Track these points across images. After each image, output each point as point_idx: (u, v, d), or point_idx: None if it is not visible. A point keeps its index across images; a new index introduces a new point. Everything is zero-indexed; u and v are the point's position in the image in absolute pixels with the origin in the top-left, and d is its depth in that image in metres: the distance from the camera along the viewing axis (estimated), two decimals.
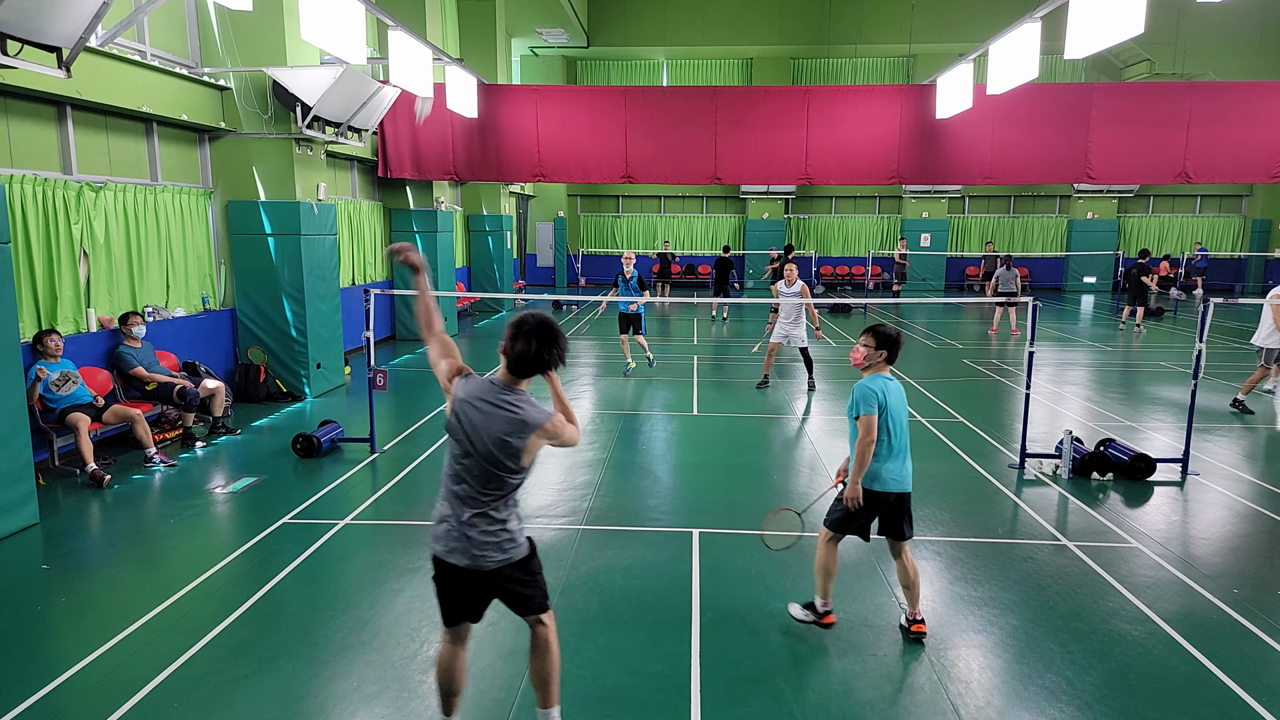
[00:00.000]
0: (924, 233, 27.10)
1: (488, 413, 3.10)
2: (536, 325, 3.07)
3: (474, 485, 3.15)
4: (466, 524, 3.17)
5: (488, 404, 3.11)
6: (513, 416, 3.09)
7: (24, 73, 6.50)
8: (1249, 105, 12.97)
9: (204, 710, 3.89)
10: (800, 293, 10.92)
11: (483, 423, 3.09)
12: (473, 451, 3.11)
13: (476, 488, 3.16)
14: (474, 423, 3.10)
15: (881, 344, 4.48)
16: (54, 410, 7.20)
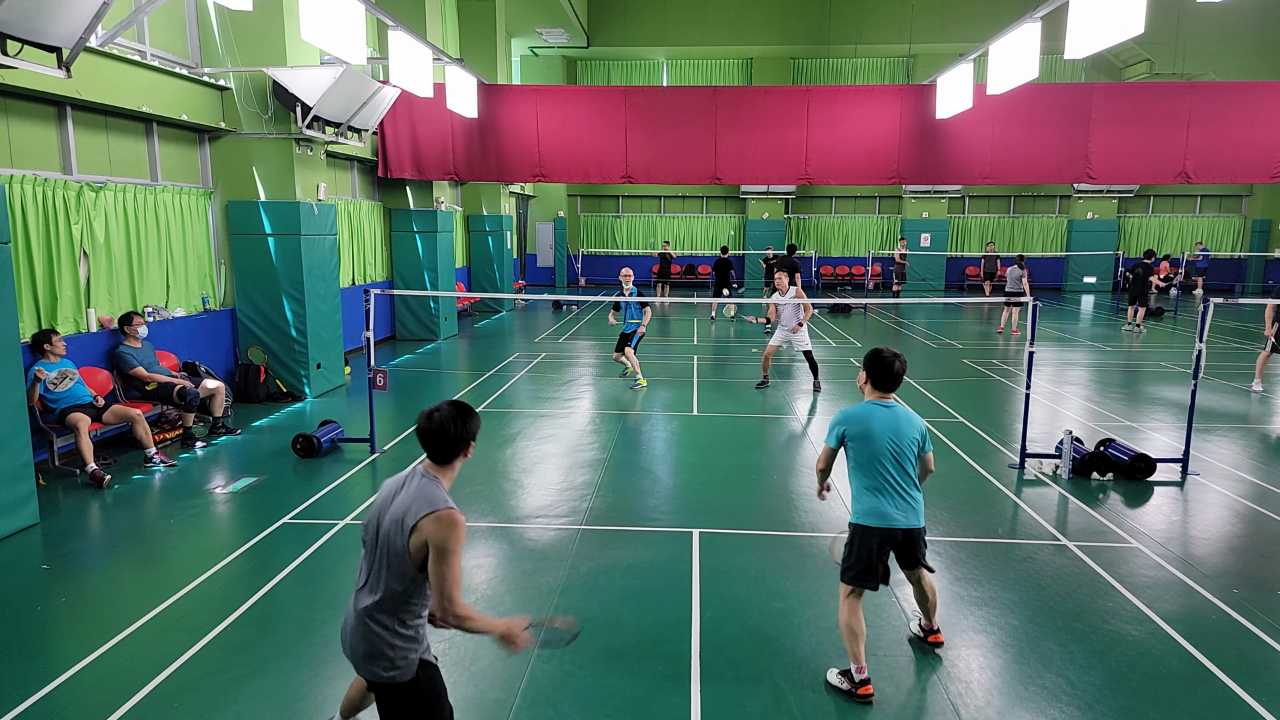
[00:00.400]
0: (924, 233, 27.10)
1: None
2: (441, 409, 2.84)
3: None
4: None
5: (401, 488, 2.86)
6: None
7: (24, 73, 6.50)
8: (1249, 105, 12.97)
9: (204, 710, 3.89)
10: (795, 296, 10.94)
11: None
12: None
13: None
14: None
15: (865, 366, 4.13)
16: (54, 410, 7.20)
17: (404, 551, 2.69)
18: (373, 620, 2.77)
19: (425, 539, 2.66)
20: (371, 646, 2.77)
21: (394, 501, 2.76)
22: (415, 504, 2.70)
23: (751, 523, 6.32)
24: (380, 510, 2.81)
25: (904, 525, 4.03)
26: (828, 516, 6.50)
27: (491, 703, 3.97)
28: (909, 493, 4.04)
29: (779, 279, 11.10)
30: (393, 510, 2.75)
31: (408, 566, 2.71)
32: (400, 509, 2.72)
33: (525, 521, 6.33)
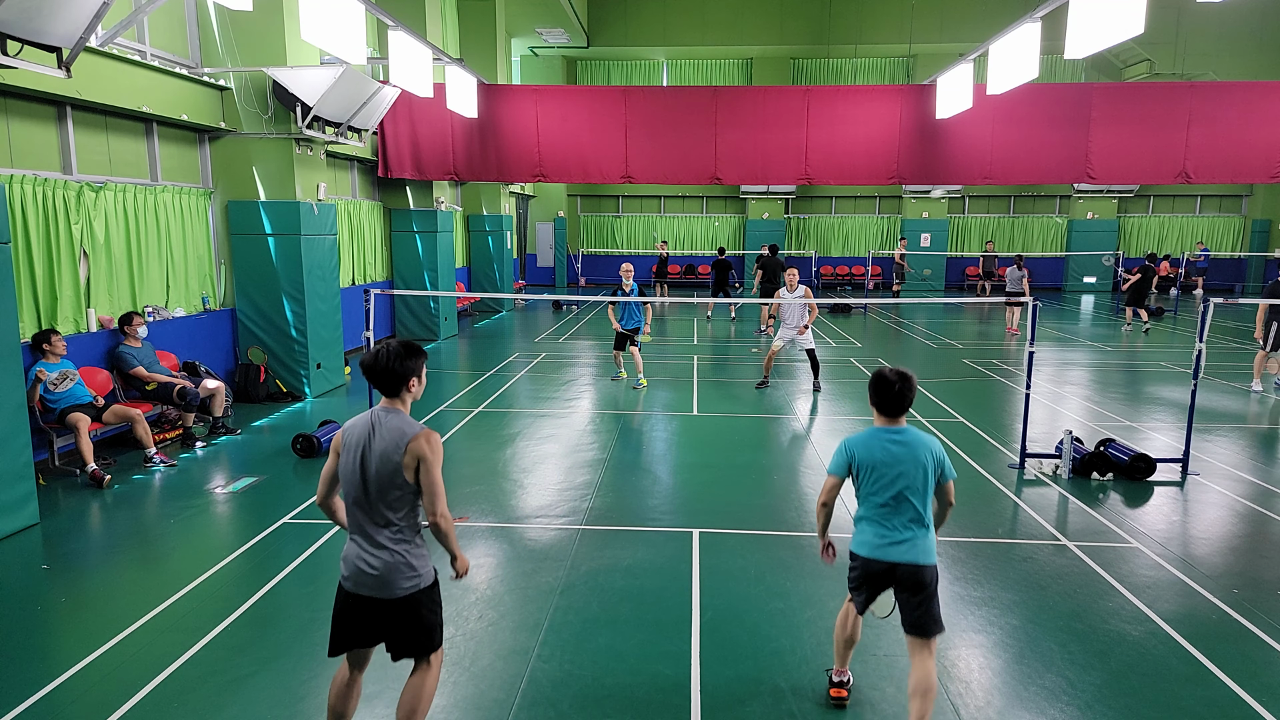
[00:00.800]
0: (924, 233, 27.10)
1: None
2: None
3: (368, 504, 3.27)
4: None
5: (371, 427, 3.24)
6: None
7: (24, 73, 6.50)
8: (1249, 105, 12.97)
9: (204, 710, 3.89)
10: (804, 296, 10.89)
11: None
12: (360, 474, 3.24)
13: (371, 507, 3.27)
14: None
15: (869, 389, 3.78)
16: (54, 410, 7.20)
17: (399, 475, 3.15)
18: (391, 544, 3.22)
19: (416, 457, 3.14)
20: (395, 566, 3.21)
21: (374, 443, 3.17)
22: (395, 436, 3.16)
23: (751, 523, 6.32)
24: (358, 454, 3.19)
25: (896, 559, 3.59)
26: None
27: (491, 703, 3.97)
28: (910, 528, 3.63)
29: (790, 276, 11.04)
30: (376, 450, 3.16)
31: (406, 487, 3.18)
32: (384, 445, 3.16)
33: (525, 521, 6.33)
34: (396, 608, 3.24)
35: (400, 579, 3.22)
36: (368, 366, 3.22)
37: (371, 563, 3.22)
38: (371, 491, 3.19)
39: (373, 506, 3.21)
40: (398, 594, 3.22)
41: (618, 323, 11.17)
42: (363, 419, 3.25)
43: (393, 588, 3.22)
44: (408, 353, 3.23)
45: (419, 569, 3.27)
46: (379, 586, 3.22)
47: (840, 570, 5.50)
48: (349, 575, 3.29)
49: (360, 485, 3.20)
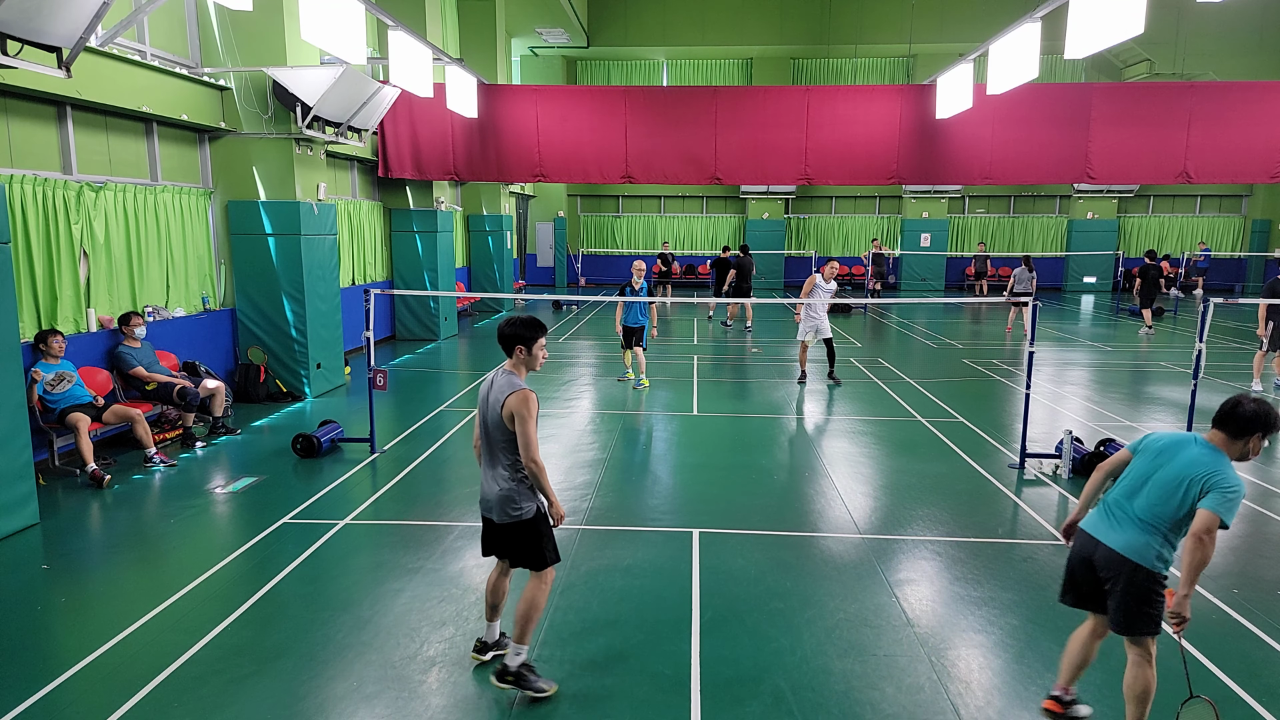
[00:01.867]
0: (924, 233, 27.10)
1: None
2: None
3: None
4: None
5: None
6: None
7: (24, 73, 6.50)
8: (1249, 105, 12.97)
9: (204, 710, 3.89)
10: (834, 291, 11.19)
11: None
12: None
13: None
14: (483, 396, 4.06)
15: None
16: (54, 410, 7.20)
17: (501, 422, 3.89)
18: (501, 478, 3.97)
19: (510, 411, 3.84)
20: (504, 496, 3.96)
21: (490, 394, 3.96)
22: (500, 390, 3.91)
23: (751, 523, 6.32)
24: (482, 403, 4.01)
25: (1101, 539, 3.56)
26: (828, 516, 6.51)
27: (491, 703, 3.97)
28: (1133, 519, 3.52)
29: (828, 268, 11.27)
30: (489, 398, 3.95)
31: (508, 433, 3.90)
32: (494, 396, 3.93)
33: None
34: (505, 531, 4.01)
35: (506, 509, 3.96)
36: (499, 330, 4.01)
37: (488, 492, 4.01)
38: (489, 435, 3.97)
39: (490, 447, 4.00)
40: (504, 520, 3.98)
41: (620, 321, 11.10)
42: (488, 376, 4.05)
43: (501, 515, 3.98)
44: (522, 323, 3.96)
45: (521, 504, 3.95)
46: (492, 512, 4.01)
47: (840, 571, 5.51)
48: (481, 498, 4.09)
49: (483, 428, 4.01)
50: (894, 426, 9.28)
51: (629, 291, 11.17)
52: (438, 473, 7.61)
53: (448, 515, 6.45)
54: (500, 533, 4.03)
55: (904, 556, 5.71)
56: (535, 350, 3.98)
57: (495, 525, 4.02)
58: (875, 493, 7.13)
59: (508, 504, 3.95)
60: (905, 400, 10.52)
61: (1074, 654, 3.83)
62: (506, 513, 3.96)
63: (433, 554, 5.69)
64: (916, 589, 5.22)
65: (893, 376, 12.10)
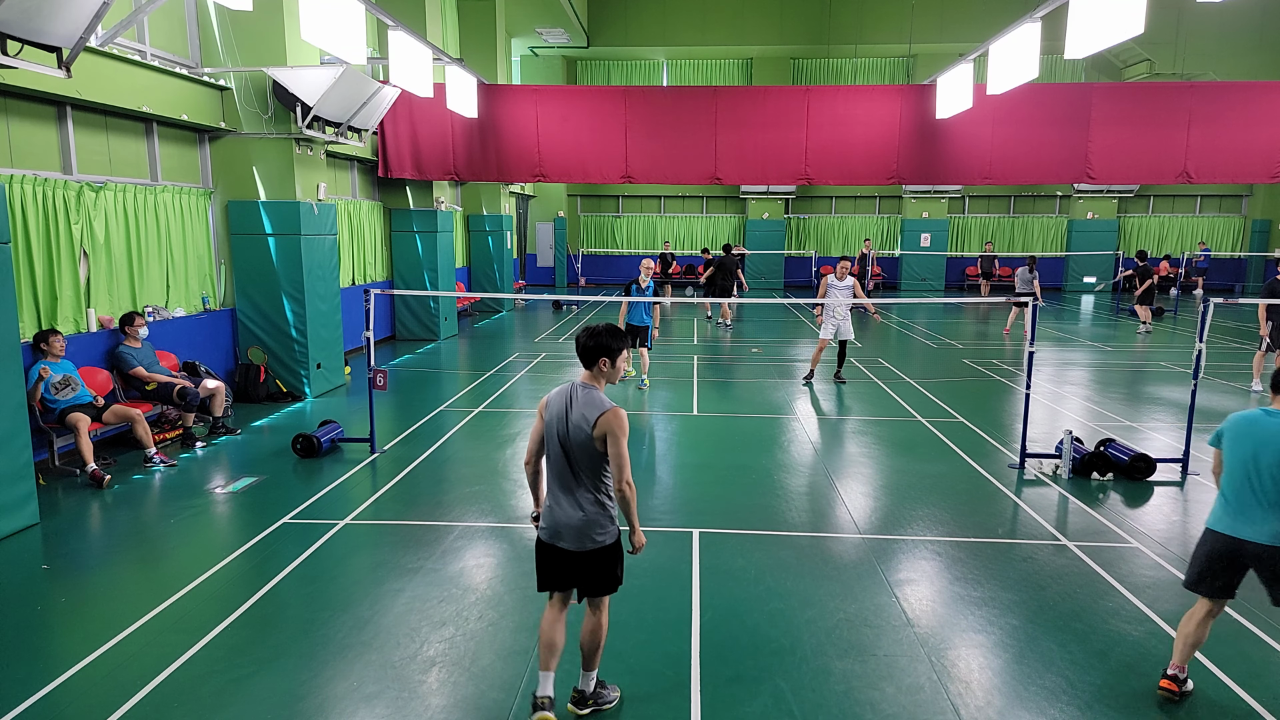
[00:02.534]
0: (924, 233, 27.10)
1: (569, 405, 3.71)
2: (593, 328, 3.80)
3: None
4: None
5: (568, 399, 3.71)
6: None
7: (24, 73, 6.50)
8: (1249, 105, 12.97)
9: (204, 710, 3.89)
10: (851, 288, 11.10)
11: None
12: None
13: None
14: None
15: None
16: (54, 410, 7.20)
17: (590, 443, 3.58)
18: (585, 502, 3.65)
19: (604, 431, 3.56)
20: (588, 522, 3.65)
21: (570, 412, 3.63)
22: (589, 408, 3.60)
23: (751, 523, 6.32)
24: (558, 422, 3.65)
25: (1248, 538, 3.77)
26: (828, 516, 6.51)
27: (491, 703, 3.97)
28: (1265, 506, 3.74)
29: (841, 266, 11.21)
30: (573, 418, 3.61)
31: (595, 454, 3.61)
32: (579, 415, 3.60)
33: (525, 521, 6.33)
34: (586, 559, 3.68)
35: (590, 535, 3.65)
36: (577, 342, 3.78)
37: (565, 519, 3.65)
38: (570, 456, 3.62)
39: (569, 470, 3.64)
40: (588, 547, 3.66)
41: (624, 319, 11.01)
42: (564, 391, 3.72)
43: (584, 542, 3.66)
44: (606, 333, 3.72)
45: (607, 528, 3.68)
46: (566, 540, 3.66)
47: (840, 571, 5.51)
48: (547, 527, 3.72)
49: (560, 450, 3.64)
50: (894, 426, 9.28)
51: (635, 290, 11.16)
52: (438, 473, 7.61)
53: (448, 515, 6.45)
54: (575, 561, 3.70)
55: (904, 556, 5.71)
56: (619, 363, 3.75)
57: (568, 554, 3.68)
58: (875, 493, 7.13)
59: (592, 529, 3.64)
60: (905, 400, 10.52)
61: (1191, 635, 3.98)
62: (591, 539, 3.65)
63: (433, 554, 5.69)
64: (916, 589, 5.22)
65: (893, 376, 12.10)
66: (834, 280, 11.28)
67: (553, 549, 3.72)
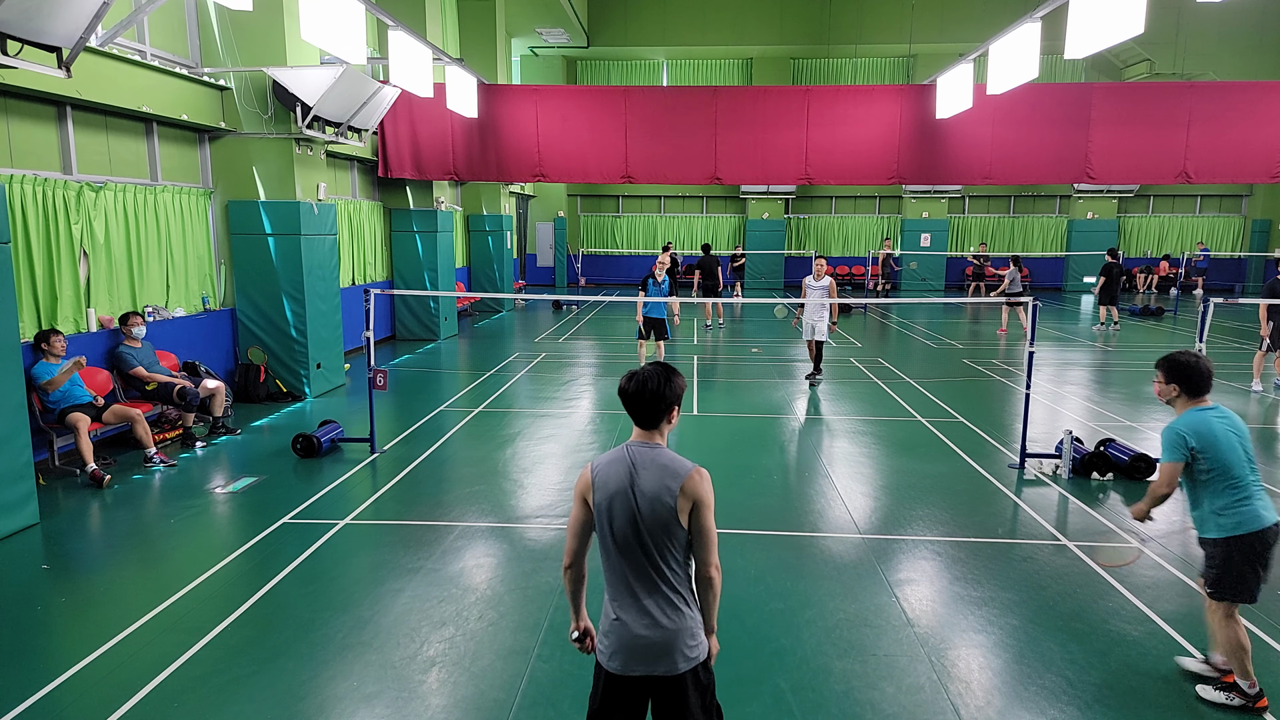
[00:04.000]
0: (924, 233, 27.10)
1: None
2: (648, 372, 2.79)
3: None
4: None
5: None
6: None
7: (24, 73, 6.50)
8: (1249, 105, 12.98)
9: (204, 710, 3.89)
10: (827, 288, 10.98)
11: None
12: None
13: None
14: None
15: (1171, 377, 3.96)
16: (54, 410, 7.20)
17: (673, 520, 2.64)
18: (671, 605, 2.68)
19: (692, 499, 2.65)
20: (675, 634, 2.67)
21: (638, 484, 2.66)
22: (667, 475, 2.66)
23: (751, 523, 6.32)
24: (622, 501, 2.67)
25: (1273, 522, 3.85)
26: (828, 516, 6.51)
27: (491, 703, 3.97)
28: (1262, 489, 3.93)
29: (817, 265, 11.16)
30: (646, 491, 2.65)
31: (680, 533, 2.67)
32: (656, 485, 2.65)
33: (525, 521, 6.33)
34: (674, 686, 2.69)
35: (682, 649, 2.68)
36: (632, 393, 2.72)
37: (646, 636, 2.66)
38: (647, 545, 2.66)
39: (646, 564, 2.68)
40: (680, 669, 2.68)
41: (641, 311, 11.25)
42: (616, 459, 2.73)
43: (674, 661, 2.67)
44: (668, 378, 2.75)
45: (698, 637, 2.73)
46: (657, 660, 2.67)
47: (840, 571, 5.51)
48: (617, 651, 2.69)
49: (632, 538, 2.66)
50: (894, 426, 9.28)
51: (651, 284, 11.39)
52: (438, 473, 7.61)
53: (448, 515, 6.45)
54: (660, 693, 2.71)
55: (904, 556, 5.72)
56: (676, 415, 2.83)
57: (647, 684, 2.70)
58: (875, 493, 7.13)
59: (683, 643, 2.68)
60: (905, 400, 10.52)
61: (1246, 642, 3.94)
62: (684, 655, 2.68)
63: (433, 554, 5.69)
64: (916, 589, 5.22)
65: (893, 376, 12.11)
66: (810, 280, 11.22)
67: (627, 682, 2.70)
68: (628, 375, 2.76)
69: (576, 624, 2.90)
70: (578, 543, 2.80)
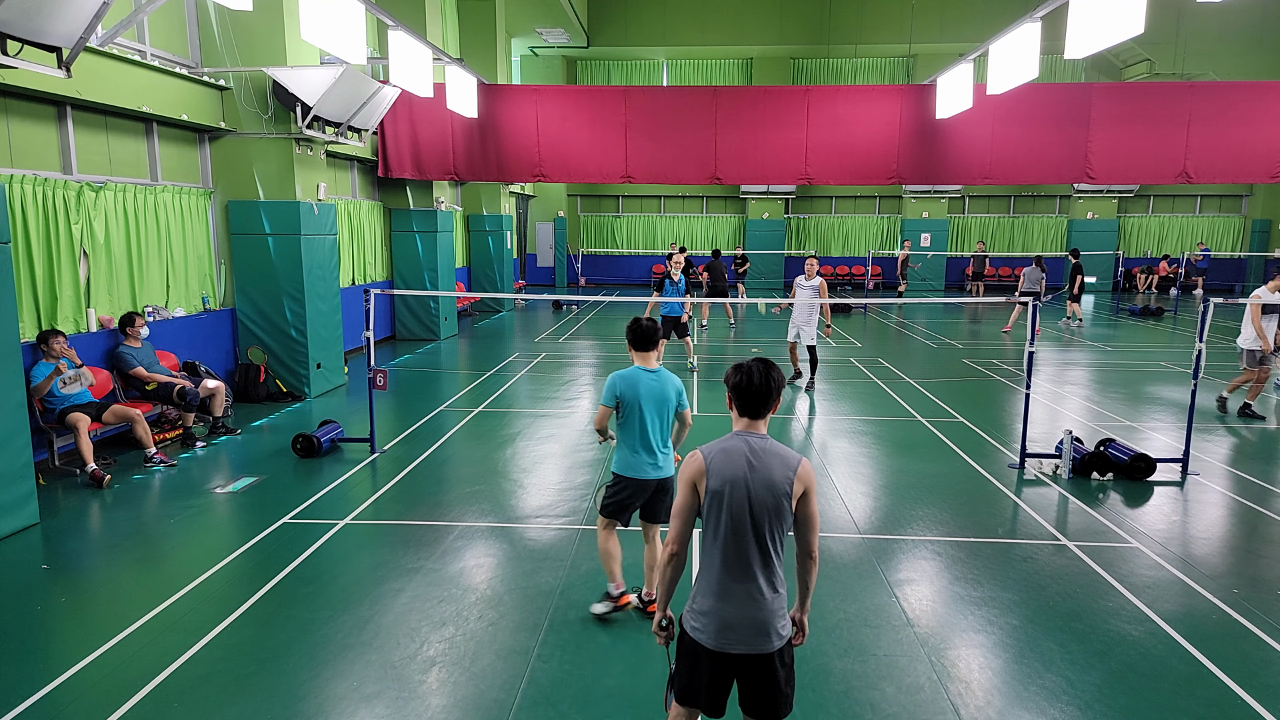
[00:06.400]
0: (924, 233, 27.10)
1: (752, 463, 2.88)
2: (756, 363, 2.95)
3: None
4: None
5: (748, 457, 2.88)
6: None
7: (24, 73, 6.50)
8: (1249, 105, 12.97)
9: (204, 710, 3.89)
10: (818, 288, 10.90)
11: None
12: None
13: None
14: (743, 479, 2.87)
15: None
16: (54, 410, 7.20)
17: (785, 507, 2.83)
18: (770, 588, 2.86)
19: (804, 485, 2.85)
20: (773, 614, 2.86)
21: (755, 472, 2.82)
22: (779, 464, 2.84)
23: None
24: (742, 488, 2.82)
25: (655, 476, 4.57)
26: (828, 516, 6.51)
27: (491, 703, 3.97)
28: (641, 449, 4.58)
29: (809, 264, 11.09)
30: (762, 479, 2.82)
31: (789, 518, 2.87)
32: (772, 474, 2.82)
33: (525, 521, 6.34)
34: (765, 663, 2.86)
35: (776, 627, 2.86)
36: (744, 387, 2.88)
37: (747, 617, 2.83)
38: (760, 529, 2.83)
39: (755, 544, 2.84)
40: (774, 645, 2.85)
41: (656, 312, 11.36)
42: (731, 447, 2.87)
43: (769, 639, 2.84)
44: (772, 368, 2.92)
45: (786, 619, 2.93)
46: (755, 639, 2.83)
47: (840, 571, 5.51)
48: (718, 630, 2.84)
49: (748, 523, 2.82)
50: (894, 426, 9.28)
51: (668, 283, 11.60)
52: (438, 473, 7.61)
53: (448, 515, 6.45)
54: (749, 671, 2.87)
55: (904, 556, 5.72)
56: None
57: (739, 662, 2.86)
58: (875, 493, 7.13)
59: (776, 622, 2.86)
60: (905, 400, 10.52)
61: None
62: (777, 633, 2.86)
63: (433, 554, 5.69)
64: (916, 589, 5.22)
65: (893, 376, 12.10)
66: (801, 280, 11.12)
67: (725, 659, 2.85)
68: (734, 369, 2.95)
69: (664, 613, 3.09)
70: (687, 529, 2.95)
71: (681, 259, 12.25)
